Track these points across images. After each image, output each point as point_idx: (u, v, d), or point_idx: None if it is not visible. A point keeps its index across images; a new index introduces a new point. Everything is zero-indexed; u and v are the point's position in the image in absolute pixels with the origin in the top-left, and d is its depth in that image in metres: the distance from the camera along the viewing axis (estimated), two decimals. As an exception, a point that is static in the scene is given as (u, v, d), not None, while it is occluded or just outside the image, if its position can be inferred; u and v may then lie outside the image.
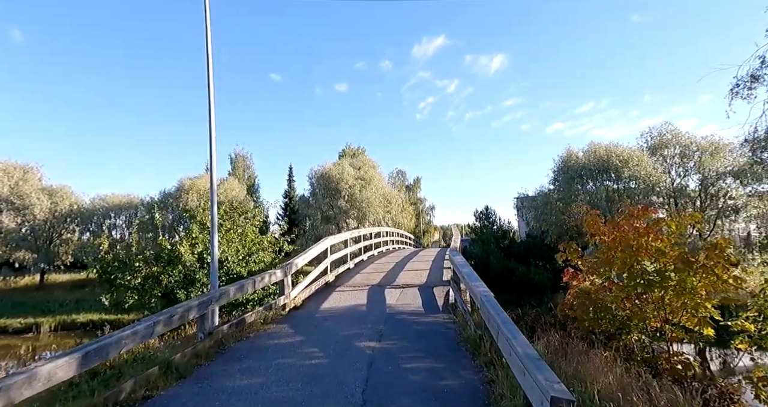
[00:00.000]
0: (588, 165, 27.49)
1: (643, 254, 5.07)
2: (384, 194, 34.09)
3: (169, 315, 3.93)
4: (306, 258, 7.71)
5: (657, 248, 5.02)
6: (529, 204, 32.15)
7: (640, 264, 5.04)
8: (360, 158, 38.14)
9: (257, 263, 8.14)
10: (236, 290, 5.35)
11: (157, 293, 7.14)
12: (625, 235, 5.21)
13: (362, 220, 31.71)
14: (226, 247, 7.80)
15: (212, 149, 5.86)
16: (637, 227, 5.33)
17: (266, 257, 8.42)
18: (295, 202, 40.33)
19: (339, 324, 5.81)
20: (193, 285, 7.22)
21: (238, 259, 7.75)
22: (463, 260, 5.92)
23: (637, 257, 5.02)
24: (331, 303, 7.32)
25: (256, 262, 8.16)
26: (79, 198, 42.15)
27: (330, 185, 33.23)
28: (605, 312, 5.22)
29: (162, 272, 7.13)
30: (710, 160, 24.80)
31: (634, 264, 5.03)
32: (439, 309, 6.81)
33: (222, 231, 7.86)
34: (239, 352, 4.58)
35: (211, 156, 5.92)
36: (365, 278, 9.98)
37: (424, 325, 5.73)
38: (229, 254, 7.58)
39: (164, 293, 7.16)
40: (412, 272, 10.54)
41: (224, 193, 36.38)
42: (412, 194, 48.67)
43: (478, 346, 4.28)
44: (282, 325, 5.85)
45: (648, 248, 5.08)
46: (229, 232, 8.11)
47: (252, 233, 8.67)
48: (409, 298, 7.59)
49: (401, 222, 35.41)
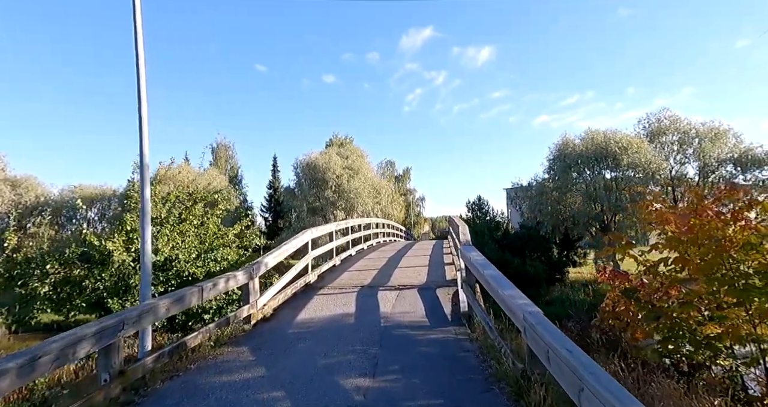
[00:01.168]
0: (586, 152, 26.32)
1: (728, 248, 3.74)
2: (373, 184, 32.52)
3: (31, 357, 2.39)
4: (279, 256, 6.18)
5: (747, 241, 3.68)
6: (523, 194, 31.01)
7: (730, 263, 3.69)
8: (348, 147, 36.35)
9: (219, 261, 6.58)
10: (172, 304, 3.80)
11: (80, 303, 5.50)
12: (707, 223, 3.84)
13: (350, 211, 30.14)
14: (178, 242, 6.22)
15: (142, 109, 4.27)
16: (720, 213, 3.98)
17: (231, 254, 6.85)
18: (280, 193, 38.42)
19: (318, 346, 4.33)
20: (128, 292, 5.62)
21: (192, 257, 6.15)
22: (483, 259, 4.50)
23: (723, 254, 3.67)
24: (311, 312, 5.82)
25: (218, 260, 6.60)
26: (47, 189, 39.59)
27: (316, 175, 31.48)
28: (682, 329, 3.86)
29: (87, 276, 5.47)
30: (711, 146, 23.87)
31: (724, 263, 3.68)
32: (448, 318, 5.37)
33: (170, 223, 6.25)
34: (162, 402, 3.06)
35: (141, 121, 4.31)
36: (354, 277, 8.49)
37: (433, 346, 4.29)
38: (181, 252, 5.99)
39: (94, 301, 5.53)
40: (408, 270, 9.09)
41: (204, 184, 34.33)
42: (402, 184, 47.16)
43: (525, 391, 2.85)
44: (240, 348, 4.33)
45: (734, 240, 3.74)
46: (184, 223, 6.50)
47: (214, 225, 7.07)
48: (408, 304, 6.14)
49: (391, 213, 33.96)
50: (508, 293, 3.47)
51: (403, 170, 47.93)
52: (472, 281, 5.10)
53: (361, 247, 13.78)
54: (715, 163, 23.92)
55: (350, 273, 8.95)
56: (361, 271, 9.20)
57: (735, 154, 23.58)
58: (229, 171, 47.10)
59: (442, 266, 9.51)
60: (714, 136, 24.29)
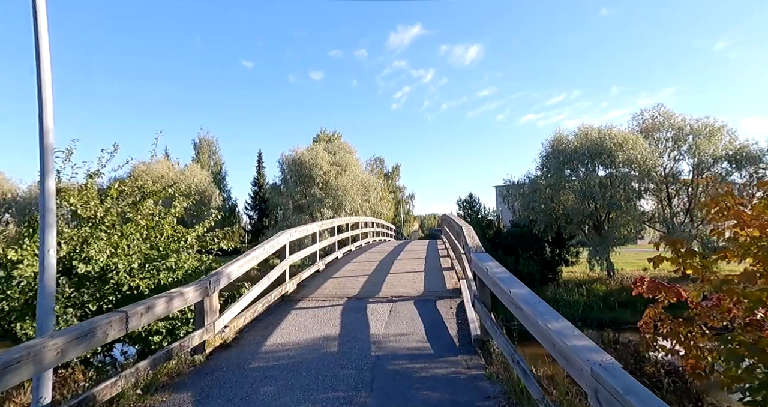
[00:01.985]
0: (580, 149, 25.61)
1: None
2: (362, 181, 31.35)
3: None
4: (246, 264, 5.02)
5: None
6: (515, 192, 30.24)
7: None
8: (336, 143, 34.98)
9: (174, 271, 5.36)
10: (69, 345, 2.60)
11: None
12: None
13: (338, 209, 28.92)
14: (123, 247, 4.98)
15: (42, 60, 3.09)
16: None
17: (188, 261, 5.62)
18: (266, 190, 36.87)
19: (289, 390, 3.21)
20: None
21: (135, 266, 4.90)
22: (505, 272, 3.44)
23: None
24: (285, 335, 4.69)
25: (173, 269, 5.38)
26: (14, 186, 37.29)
27: (303, 171, 30.13)
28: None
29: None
30: (707, 143, 23.34)
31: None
32: (454, 342, 4.31)
33: (105, 224, 5.00)
34: None
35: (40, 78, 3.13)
36: (340, 285, 7.37)
37: (440, 387, 3.22)
38: (120, 260, 4.76)
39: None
40: (402, 276, 8.02)
41: (186, 181, 32.64)
42: (391, 182, 46.10)
43: None
44: (181, 396, 3.19)
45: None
46: (129, 224, 5.25)
47: (170, 226, 5.83)
48: (404, 322, 5.06)
49: (380, 211, 32.88)
50: (556, 326, 2.41)
51: (392, 167, 46.88)
52: (487, 299, 4.04)
53: (349, 248, 12.67)
54: (710, 160, 23.42)
55: (335, 280, 7.83)
56: (348, 277, 8.09)
57: (730, 151, 23.10)
58: (212, 167, 45.37)
59: (440, 272, 8.46)
60: (708, 132, 23.79)
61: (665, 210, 25.17)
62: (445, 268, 8.87)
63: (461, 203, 39.06)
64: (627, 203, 24.42)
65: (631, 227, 25.34)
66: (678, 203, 25.52)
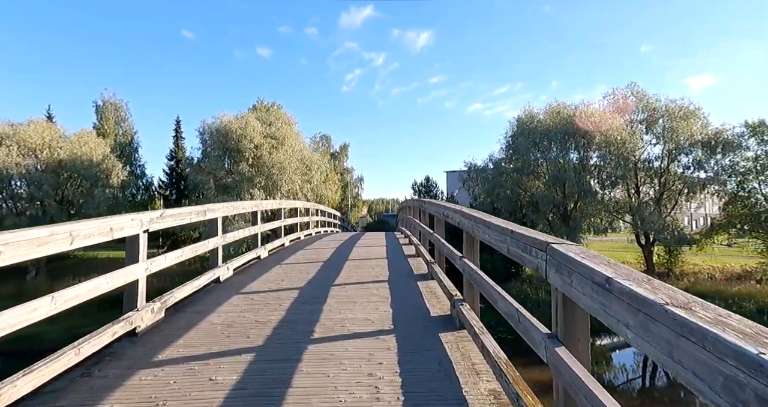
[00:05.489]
0: (553, 128, 22.90)
1: None
2: (302, 159, 26.40)
3: None
4: None
5: None
6: (476, 176, 27.22)
7: None
8: (273, 112, 29.25)
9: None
10: None
11: None
12: None
13: (272, 190, 23.89)
14: None
15: None
16: None
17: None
18: (185, 165, 30.36)
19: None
20: None
21: None
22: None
23: None
24: None
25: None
26: None
27: (229, 143, 24.50)
28: None
29: None
30: (684, 125, 21.54)
31: None
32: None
33: None
34: None
35: None
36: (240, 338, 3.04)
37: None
38: None
39: None
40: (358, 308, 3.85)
41: (73, 151, 25.37)
42: (338, 162, 41.28)
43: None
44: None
45: None
46: None
47: None
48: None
49: (324, 194, 28.28)
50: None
51: (340, 146, 41.97)
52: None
53: (278, 245, 8.26)
54: (686, 144, 21.62)
55: (235, 323, 3.45)
56: (258, 318, 3.75)
57: (705, 136, 21.53)
58: (120, 137, 37.31)
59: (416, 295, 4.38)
60: (683, 115, 22.06)
61: (632, 199, 23.32)
62: (420, 276, 4.73)
63: (416, 186, 35.59)
64: (602, 189, 22.16)
65: (602, 217, 23.26)
66: (646, 192, 23.81)
